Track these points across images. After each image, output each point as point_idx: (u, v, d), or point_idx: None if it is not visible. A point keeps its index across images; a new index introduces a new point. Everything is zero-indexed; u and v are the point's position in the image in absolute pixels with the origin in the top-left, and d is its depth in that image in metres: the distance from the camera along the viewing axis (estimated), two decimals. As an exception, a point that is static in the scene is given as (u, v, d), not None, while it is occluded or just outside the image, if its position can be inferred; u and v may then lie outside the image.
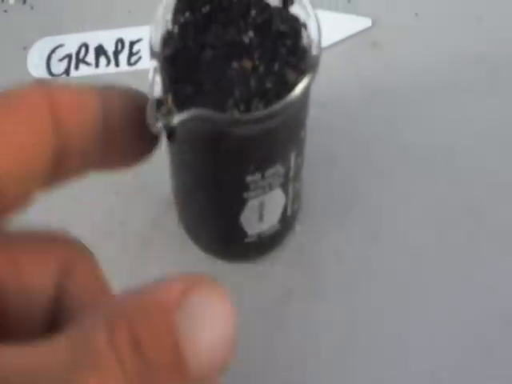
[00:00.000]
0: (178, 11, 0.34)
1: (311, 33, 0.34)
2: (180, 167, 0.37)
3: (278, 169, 0.36)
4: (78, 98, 0.30)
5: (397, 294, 0.40)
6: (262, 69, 0.33)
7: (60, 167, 0.29)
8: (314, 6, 0.46)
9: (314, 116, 0.42)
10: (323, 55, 0.34)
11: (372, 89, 0.45)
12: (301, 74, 0.33)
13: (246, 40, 0.33)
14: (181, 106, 0.31)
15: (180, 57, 0.33)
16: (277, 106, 0.32)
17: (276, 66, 0.33)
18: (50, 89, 0.28)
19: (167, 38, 0.33)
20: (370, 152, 0.44)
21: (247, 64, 0.33)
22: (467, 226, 0.42)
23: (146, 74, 0.46)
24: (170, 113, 0.30)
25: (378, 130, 0.44)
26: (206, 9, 0.34)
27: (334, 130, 0.44)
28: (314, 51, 0.34)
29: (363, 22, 0.47)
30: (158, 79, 0.31)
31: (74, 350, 0.24)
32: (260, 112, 0.32)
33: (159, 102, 0.30)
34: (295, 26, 0.34)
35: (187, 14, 0.34)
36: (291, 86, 0.32)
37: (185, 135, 0.31)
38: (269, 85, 0.32)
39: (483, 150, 0.44)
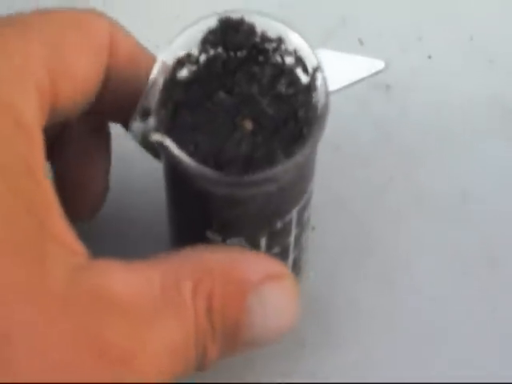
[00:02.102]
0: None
1: (318, 97, 0.32)
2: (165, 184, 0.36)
3: (239, 241, 0.33)
4: (134, 50, 0.33)
5: (412, 344, 0.39)
6: (261, 131, 0.31)
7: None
8: (326, 47, 0.47)
9: (326, 159, 0.41)
10: (335, 97, 0.33)
11: (386, 132, 0.45)
12: (302, 141, 0.31)
13: (251, 98, 0.32)
14: (168, 130, 0.30)
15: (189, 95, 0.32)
16: (262, 173, 0.29)
17: (278, 130, 0.31)
18: (115, 28, 0.33)
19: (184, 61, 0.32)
20: (383, 196, 0.43)
21: (247, 125, 0.31)
22: (483, 272, 0.41)
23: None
24: (153, 129, 0.30)
25: (391, 174, 0.44)
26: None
27: (347, 173, 0.43)
28: (320, 116, 0.31)
29: (376, 65, 0.47)
30: (159, 86, 0.31)
31: (164, 289, 0.27)
32: (232, 177, 0.30)
33: (146, 112, 0.30)
34: (303, 91, 0.32)
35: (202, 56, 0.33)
36: (289, 153, 0.30)
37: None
38: (263, 150, 0.30)
39: (498, 195, 0.43)
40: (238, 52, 0.32)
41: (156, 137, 0.30)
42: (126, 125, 0.35)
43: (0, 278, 0.25)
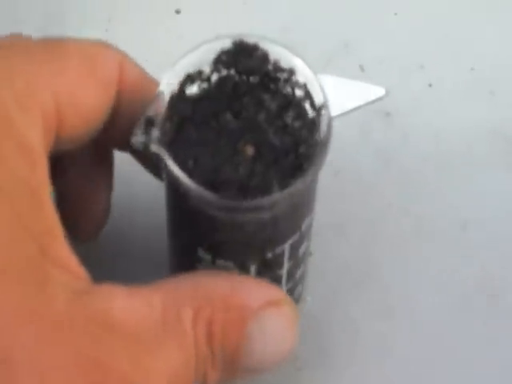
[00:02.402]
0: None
1: (321, 135, 0.32)
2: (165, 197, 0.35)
3: (228, 264, 0.33)
4: (142, 82, 0.34)
5: (409, 370, 0.39)
6: (261, 159, 0.31)
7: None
8: (327, 72, 0.47)
9: (326, 185, 0.41)
10: (335, 123, 0.33)
11: (385, 159, 0.45)
12: (299, 175, 0.30)
13: (256, 125, 0.31)
14: (170, 143, 0.30)
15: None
16: (253, 201, 0.29)
17: (277, 161, 0.31)
18: (124, 59, 0.33)
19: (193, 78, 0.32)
20: (383, 223, 0.43)
21: (248, 150, 0.31)
22: (482, 302, 0.41)
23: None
24: (155, 140, 0.30)
25: (391, 201, 0.43)
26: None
27: (347, 199, 0.43)
28: (321, 148, 0.31)
29: (377, 91, 0.47)
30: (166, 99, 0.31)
31: (165, 316, 0.27)
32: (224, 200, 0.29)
33: (149, 122, 0.30)
34: (308, 126, 0.32)
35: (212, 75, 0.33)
36: (285, 185, 0.30)
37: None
38: (259, 178, 0.30)
39: (498, 225, 0.43)
40: (249, 77, 0.32)
41: (155, 148, 0.30)
42: (132, 153, 0.36)
43: (1, 302, 0.25)
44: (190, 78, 0.32)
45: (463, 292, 0.41)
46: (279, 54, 0.33)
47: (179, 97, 0.32)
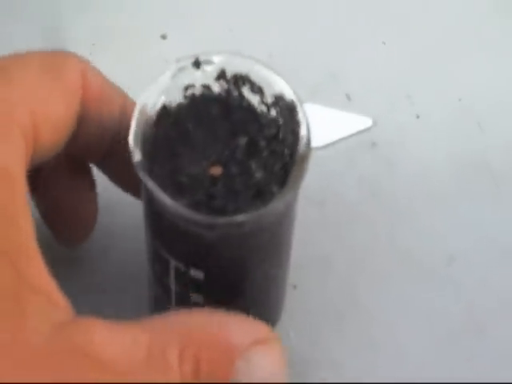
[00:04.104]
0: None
1: (300, 143, 0.33)
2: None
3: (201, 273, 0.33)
4: (106, 90, 0.34)
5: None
6: (232, 178, 0.31)
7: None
8: (313, 101, 0.46)
9: (310, 216, 0.41)
10: (321, 153, 0.33)
11: (371, 190, 0.44)
12: (278, 187, 0.31)
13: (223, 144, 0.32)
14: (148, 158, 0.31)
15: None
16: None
17: (250, 177, 0.31)
18: (86, 67, 0.33)
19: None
20: (367, 256, 0.42)
21: (216, 170, 0.31)
22: (467, 338, 0.40)
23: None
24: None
25: (376, 233, 0.43)
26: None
27: (331, 231, 0.42)
28: (300, 164, 0.32)
29: (364, 122, 0.46)
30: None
31: (151, 354, 0.27)
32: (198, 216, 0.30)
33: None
34: (283, 143, 0.33)
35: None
36: (265, 200, 0.31)
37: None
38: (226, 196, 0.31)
39: (484, 260, 0.42)
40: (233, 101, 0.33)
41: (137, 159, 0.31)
42: (99, 164, 0.36)
43: None
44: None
45: (449, 328, 0.40)
46: (265, 76, 0.34)
47: (162, 114, 0.32)
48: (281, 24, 0.50)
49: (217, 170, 0.31)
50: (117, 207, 0.42)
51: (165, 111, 0.33)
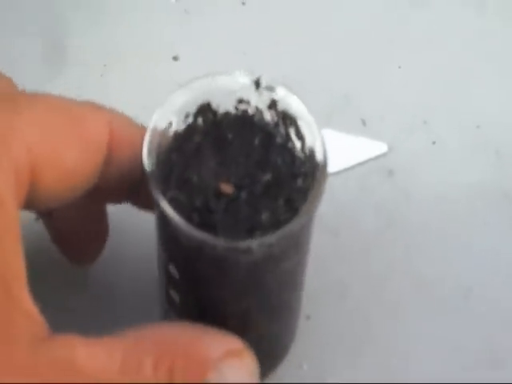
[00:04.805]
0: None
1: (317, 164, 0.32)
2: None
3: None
4: (134, 141, 0.33)
5: None
6: (244, 197, 0.31)
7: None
8: (328, 127, 0.45)
9: (324, 244, 0.40)
10: (336, 180, 0.32)
11: (387, 218, 0.43)
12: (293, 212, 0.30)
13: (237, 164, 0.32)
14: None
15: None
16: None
17: (263, 197, 0.31)
18: (114, 119, 0.32)
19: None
20: (383, 285, 0.41)
21: (227, 189, 0.31)
22: (483, 371, 0.39)
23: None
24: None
25: (392, 262, 0.42)
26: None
27: (346, 259, 0.41)
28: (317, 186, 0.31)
29: (379, 148, 0.46)
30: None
31: (125, 364, 0.27)
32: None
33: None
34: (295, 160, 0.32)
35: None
36: (278, 223, 0.30)
37: None
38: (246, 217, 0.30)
39: (503, 292, 0.41)
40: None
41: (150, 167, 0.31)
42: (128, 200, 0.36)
43: None
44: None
45: (465, 361, 0.40)
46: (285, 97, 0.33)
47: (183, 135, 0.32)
48: (295, 46, 0.49)
49: (227, 188, 0.31)
50: (126, 225, 0.42)
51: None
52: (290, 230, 0.30)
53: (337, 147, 0.45)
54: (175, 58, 0.49)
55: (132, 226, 0.42)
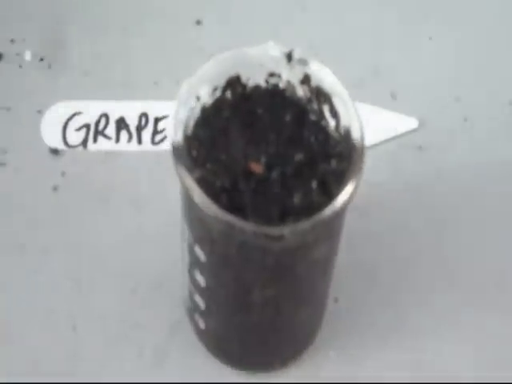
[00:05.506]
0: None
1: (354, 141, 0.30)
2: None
3: None
4: None
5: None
6: (275, 177, 0.29)
7: None
8: (357, 100, 0.43)
9: (353, 224, 0.38)
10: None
11: (417, 197, 0.42)
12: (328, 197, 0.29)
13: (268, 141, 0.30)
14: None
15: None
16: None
17: (297, 176, 0.30)
18: None
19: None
20: (413, 270, 0.40)
21: (257, 168, 0.30)
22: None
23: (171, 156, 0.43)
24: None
25: (422, 244, 0.40)
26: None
27: (375, 240, 0.40)
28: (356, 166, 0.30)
29: (409, 123, 0.44)
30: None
31: None
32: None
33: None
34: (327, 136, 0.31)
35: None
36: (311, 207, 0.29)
37: None
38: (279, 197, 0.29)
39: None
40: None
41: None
42: None
43: None
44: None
45: (496, 350, 0.38)
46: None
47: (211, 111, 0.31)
48: (323, 15, 0.48)
49: (258, 168, 0.30)
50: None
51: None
52: (325, 217, 0.28)
53: (366, 122, 0.44)
54: (198, 22, 0.48)
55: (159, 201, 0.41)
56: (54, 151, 0.43)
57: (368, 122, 0.43)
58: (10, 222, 0.41)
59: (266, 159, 0.30)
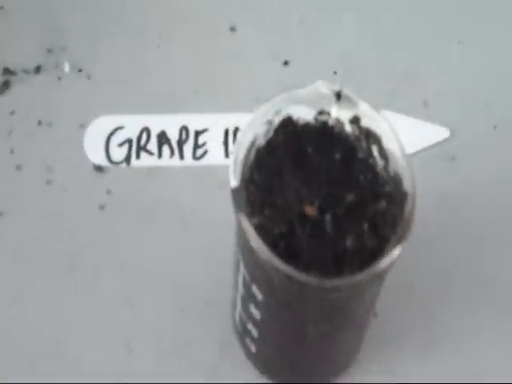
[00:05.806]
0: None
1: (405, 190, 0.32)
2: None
3: None
4: None
5: None
6: (328, 220, 0.30)
7: None
8: (389, 107, 0.44)
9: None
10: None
11: (450, 209, 0.43)
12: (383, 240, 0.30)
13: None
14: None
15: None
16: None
17: (350, 223, 0.30)
18: None
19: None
20: (449, 282, 0.41)
21: (311, 211, 0.30)
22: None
23: (213, 171, 0.45)
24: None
25: (457, 257, 0.42)
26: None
27: (410, 253, 0.41)
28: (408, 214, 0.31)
29: (441, 133, 0.45)
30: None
31: None
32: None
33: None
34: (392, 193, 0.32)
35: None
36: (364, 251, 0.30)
37: None
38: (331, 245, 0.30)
39: None
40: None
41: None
42: None
43: None
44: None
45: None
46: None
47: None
48: (354, 21, 0.48)
49: (313, 211, 0.30)
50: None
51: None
52: (381, 269, 0.30)
53: (397, 131, 0.45)
54: (232, 29, 0.48)
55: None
56: (99, 168, 0.44)
57: (400, 132, 0.45)
58: (60, 242, 0.42)
59: (319, 201, 0.30)
